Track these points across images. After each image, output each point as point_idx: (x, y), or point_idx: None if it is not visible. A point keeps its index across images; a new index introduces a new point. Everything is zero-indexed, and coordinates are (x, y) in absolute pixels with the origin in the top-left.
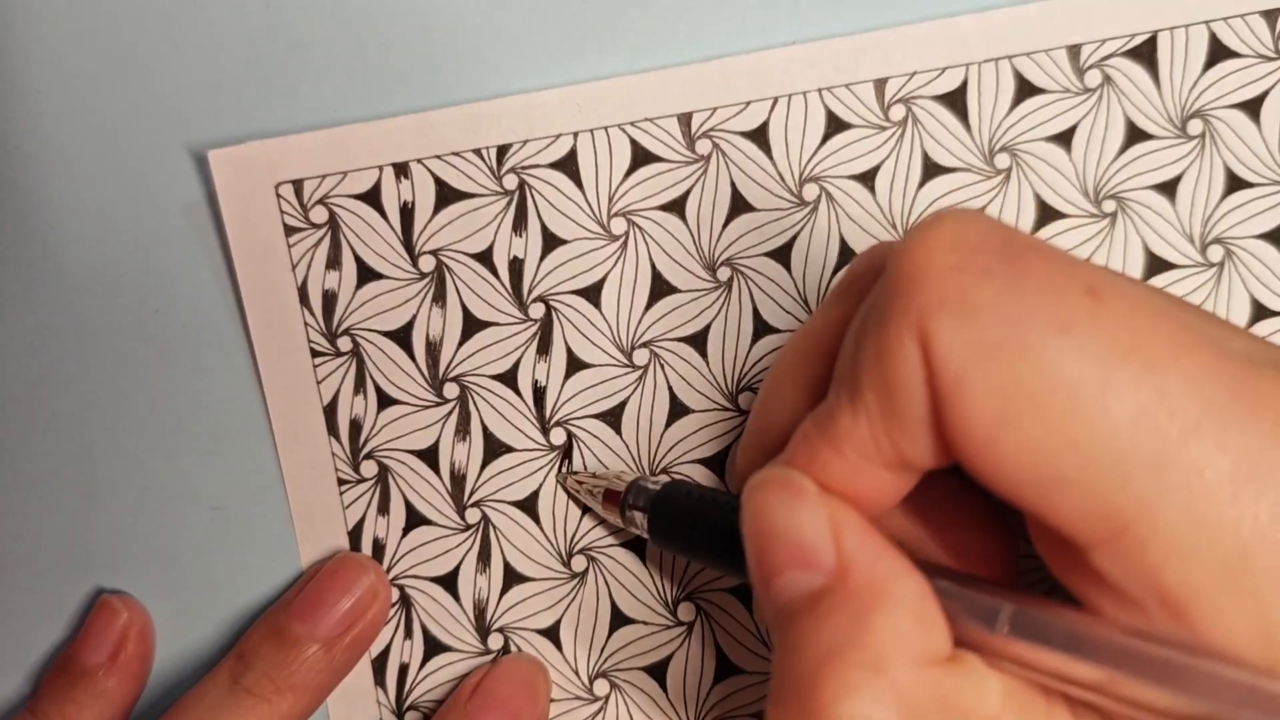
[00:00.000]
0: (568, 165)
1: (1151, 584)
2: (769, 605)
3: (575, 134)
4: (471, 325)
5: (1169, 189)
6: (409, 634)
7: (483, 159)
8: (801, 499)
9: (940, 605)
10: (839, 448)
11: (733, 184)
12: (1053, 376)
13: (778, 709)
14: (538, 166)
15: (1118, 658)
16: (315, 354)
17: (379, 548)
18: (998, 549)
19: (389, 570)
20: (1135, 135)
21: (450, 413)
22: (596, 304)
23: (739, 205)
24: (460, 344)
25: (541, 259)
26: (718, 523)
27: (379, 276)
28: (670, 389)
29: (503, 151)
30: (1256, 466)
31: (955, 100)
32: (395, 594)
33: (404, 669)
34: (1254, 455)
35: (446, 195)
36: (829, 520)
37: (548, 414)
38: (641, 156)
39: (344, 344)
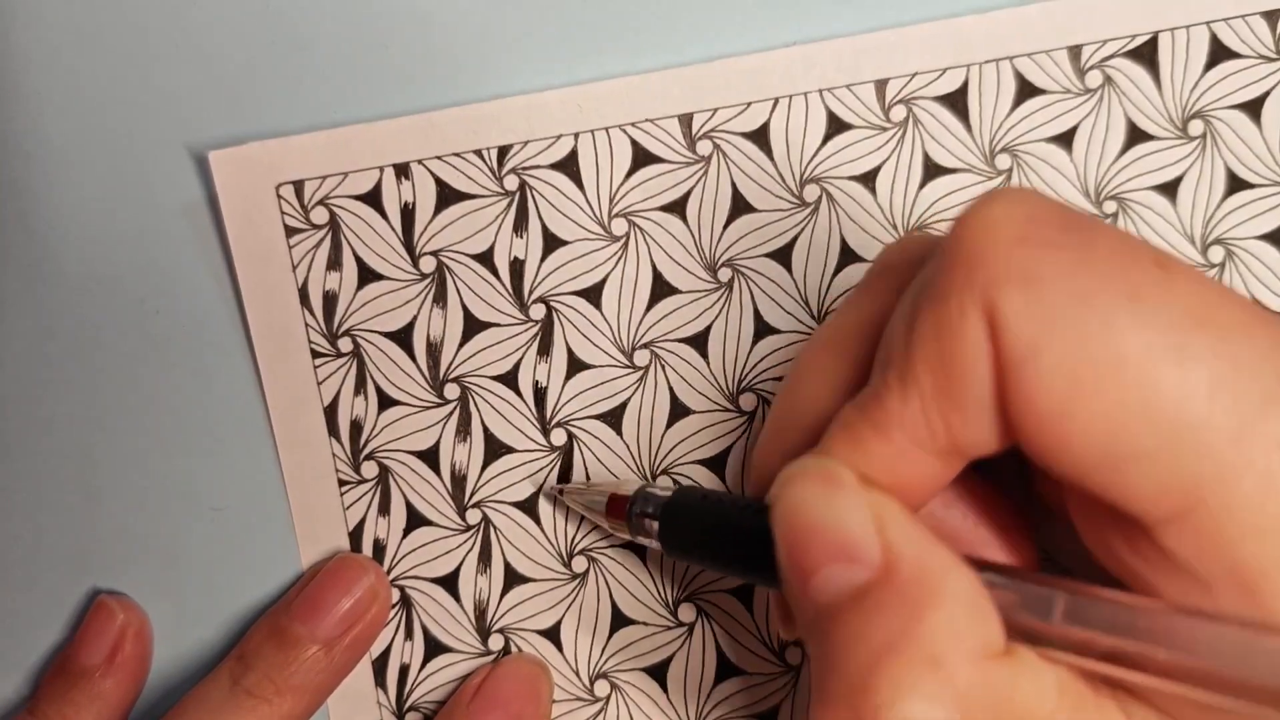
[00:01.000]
0: (568, 166)
1: (1225, 560)
2: (807, 604)
3: (576, 134)
4: (472, 326)
5: (1170, 190)
6: (410, 635)
7: (483, 159)
8: (841, 490)
9: (992, 598)
10: (887, 433)
11: (733, 185)
12: (1126, 347)
13: (826, 712)
14: (538, 167)
15: (1181, 639)
16: (316, 355)
17: (379, 548)
18: (1021, 550)
19: (389, 571)
20: (1136, 136)
21: (451, 414)
22: (597, 305)
23: (740, 206)
24: (461, 345)
25: (542, 260)
26: (738, 526)
27: (380, 277)
28: (671, 390)
29: (503, 152)
30: None
31: (956, 101)
32: (396, 595)
33: (404, 670)
34: None
35: (447, 196)
36: (871, 512)
37: (548, 415)
38: (642, 157)
39: (345, 345)
